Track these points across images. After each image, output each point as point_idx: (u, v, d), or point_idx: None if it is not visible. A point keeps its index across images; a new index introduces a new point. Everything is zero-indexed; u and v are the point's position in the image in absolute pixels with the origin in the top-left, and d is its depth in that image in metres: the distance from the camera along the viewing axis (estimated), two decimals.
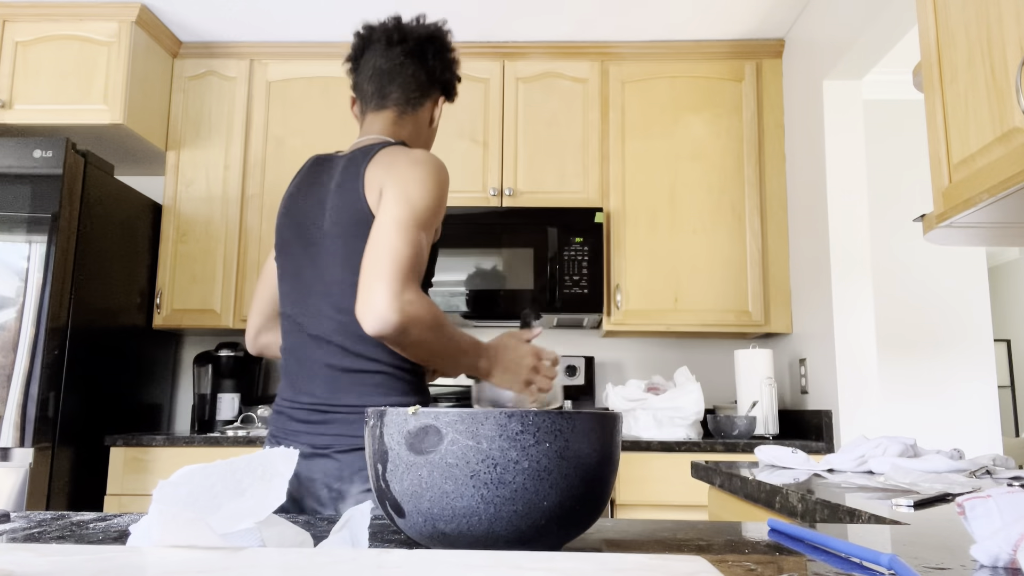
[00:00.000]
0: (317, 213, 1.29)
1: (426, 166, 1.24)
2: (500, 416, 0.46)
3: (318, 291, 1.27)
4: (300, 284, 1.30)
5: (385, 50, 1.38)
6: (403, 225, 1.17)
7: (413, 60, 1.38)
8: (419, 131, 1.42)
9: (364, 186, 1.24)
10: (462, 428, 0.46)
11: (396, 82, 1.38)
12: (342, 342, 1.24)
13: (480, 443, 0.45)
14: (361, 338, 1.22)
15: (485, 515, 0.46)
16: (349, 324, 1.22)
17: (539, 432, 0.46)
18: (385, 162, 1.25)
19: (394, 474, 0.47)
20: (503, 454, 0.45)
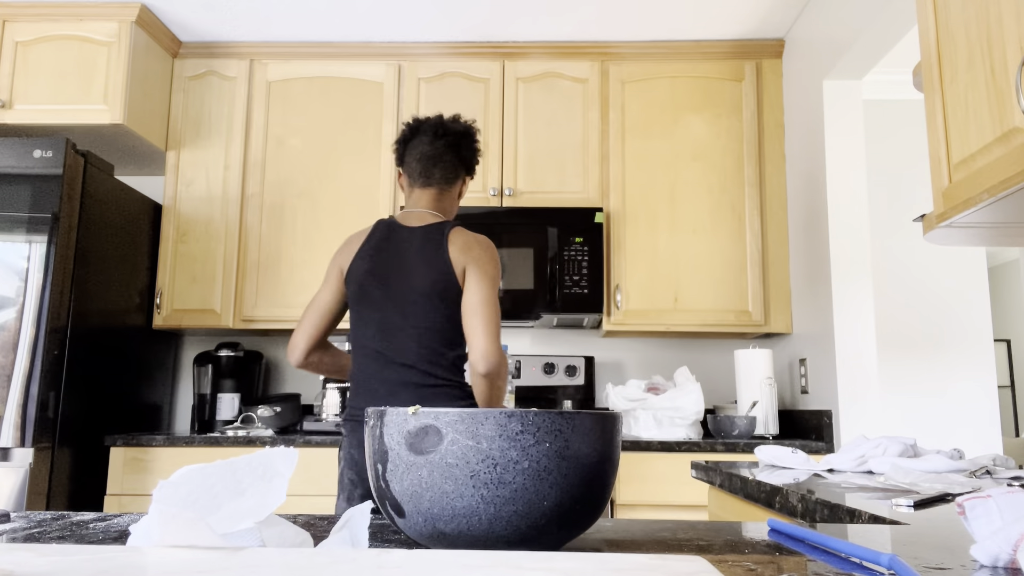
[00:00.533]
0: (403, 273, 1.72)
1: (492, 251, 1.75)
2: (500, 416, 0.46)
3: (407, 332, 1.70)
4: (387, 325, 1.71)
5: (432, 141, 1.82)
6: (493, 299, 1.68)
7: (452, 151, 1.83)
8: (452, 203, 1.88)
9: (451, 262, 1.70)
10: (462, 428, 0.45)
11: (439, 166, 1.82)
12: (424, 368, 1.69)
13: (480, 443, 0.45)
14: (436, 364, 1.69)
15: (485, 515, 0.46)
16: (429, 355, 1.69)
17: (539, 432, 0.46)
18: (461, 243, 1.72)
19: (394, 474, 0.47)
20: (503, 454, 0.45)
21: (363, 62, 3.17)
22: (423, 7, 2.93)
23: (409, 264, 1.71)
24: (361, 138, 3.12)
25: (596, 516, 0.51)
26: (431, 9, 2.94)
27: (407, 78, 3.15)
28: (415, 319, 1.69)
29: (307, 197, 3.08)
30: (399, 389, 1.67)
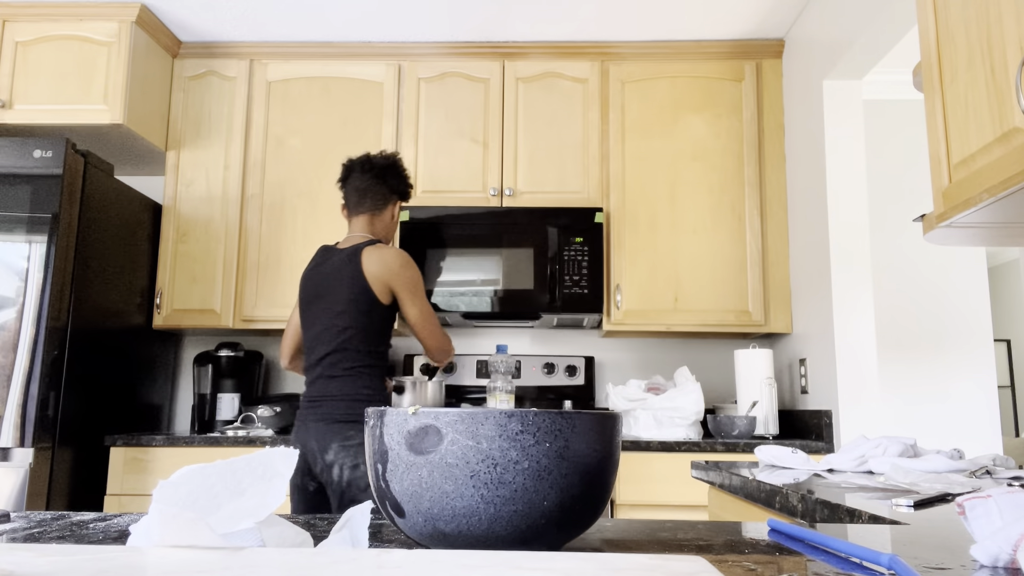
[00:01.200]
0: (329, 288, 2.12)
1: (403, 258, 2.14)
2: (500, 416, 0.46)
3: (331, 332, 2.11)
4: (317, 331, 2.14)
5: (361, 175, 2.21)
6: (423, 309, 2.17)
7: (379, 181, 2.21)
8: (385, 225, 2.26)
9: (363, 274, 2.08)
10: (462, 428, 0.45)
11: (368, 196, 2.21)
12: (345, 364, 2.11)
13: (480, 443, 0.45)
14: (355, 359, 2.11)
15: (485, 515, 0.46)
16: (350, 355, 2.10)
17: (539, 432, 0.46)
18: (375, 258, 2.10)
19: (394, 474, 0.47)
20: (503, 454, 0.45)
21: (363, 62, 3.17)
22: (423, 7, 2.93)
23: (333, 281, 2.12)
24: (361, 138, 3.12)
25: (596, 516, 0.51)
26: (431, 9, 2.94)
27: (407, 78, 3.15)
28: (338, 325, 2.09)
29: (307, 197, 3.08)
30: (320, 381, 2.11)
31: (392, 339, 3.27)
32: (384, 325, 2.14)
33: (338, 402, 2.07)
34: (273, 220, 3.08)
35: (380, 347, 2.14)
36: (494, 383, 2.73)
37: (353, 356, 2.08)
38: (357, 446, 2.03)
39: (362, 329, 2.09)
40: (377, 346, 2.13)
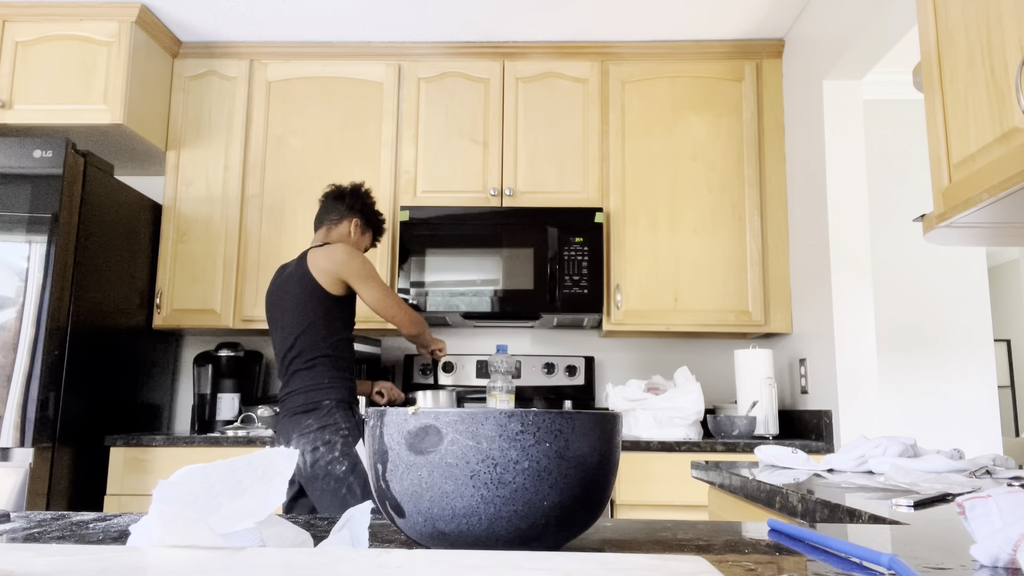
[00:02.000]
0: (286, 291, 2.31)
1: (345, 250, 2.29)
2: (500, 416, 0.46)
3: (289, 333, 2.28)
4: (279, 333, 2.32)
5: (324, 200, 2.46)
6: (381, 291, 2.31)
7: (337, 200, 2.43)
8: (341, 236, 2.40)
9: (310, 272, 2.26)
10: (462, 428, 0.45)
11: (325, 213, 2.43)
12: (305, 357, 2.25)
13: (480, 443, 0.45)
14: (312, 351, 2.25)
15: (485, 515, 0.45)
16: (306, 346, 2.25)
17: (539, 432, 0.46)
18: (321, 255, 2.27)
19: (394, 474, 0.47)
20: (503, 454, 0.45)
21: (363, 62, 3.17)
22: (423, 7, 2.93)
23: (288, 287, 2.30)
24: (361, 138, 3.12)
25: (596, 516, 0.51)
26: (431, 9, 2.94)
27: (407, 78, 3.15)
28: (293, 326, 2.26)
29: (307, 197, 3.08)
30: (286, 380, 2.26)
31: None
32: (340, 315, 2.27)
33: (298, 395, 2.20)
34: (273, 220, 3.08)
35: (337, 336, 2.25)
36: (494, 383, 2.73)
37: (310, 350, 2.21)
38: (316, 431, 2.15)
39: (317, 324, 2.23)
40: (334, 336, 2.25)
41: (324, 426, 2.14)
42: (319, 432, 2.14)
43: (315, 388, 2.19)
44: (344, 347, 2.28)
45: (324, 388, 2.20)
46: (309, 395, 2.19)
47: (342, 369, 2.25)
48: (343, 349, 2.27)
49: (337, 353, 2.25)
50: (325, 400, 2.18)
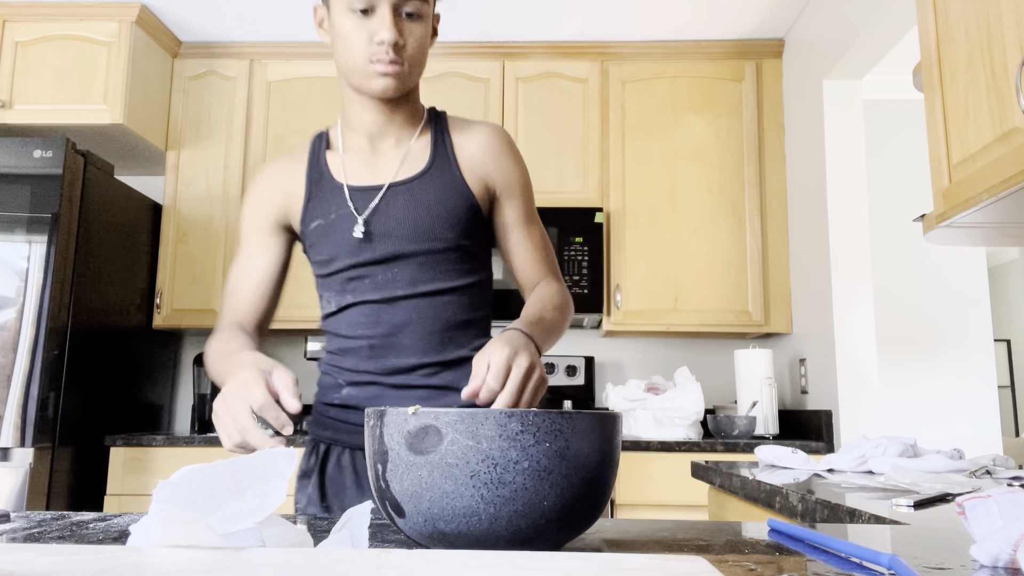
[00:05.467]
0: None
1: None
2: (500, 416, 0.46)
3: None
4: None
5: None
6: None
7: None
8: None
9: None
10: (462, 428, 0.45)
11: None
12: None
13: (480, 443, 0.45)
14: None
15: (485, 515, 0.45)
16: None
17: (539, 432, 0.46)
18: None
19: (394, 474, 0.47)
20: (503, 454, 0.45)
21: None
22: None
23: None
24: None
25: (596, 516, 0.51)
26: None
27: None
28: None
29: None
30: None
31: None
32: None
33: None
34: None
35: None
36: None
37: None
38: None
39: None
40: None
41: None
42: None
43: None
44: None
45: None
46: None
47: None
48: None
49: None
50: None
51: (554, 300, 1.16)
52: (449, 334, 1.15)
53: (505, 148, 1.24)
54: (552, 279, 1.24)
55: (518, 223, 1.24)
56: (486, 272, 1.24)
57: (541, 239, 1.27)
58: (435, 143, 1.20)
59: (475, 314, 1.19)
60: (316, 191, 1.18)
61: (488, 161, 1.21)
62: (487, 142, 1.22)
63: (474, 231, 1.19)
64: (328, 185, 1.17)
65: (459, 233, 1.16)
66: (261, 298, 1.26)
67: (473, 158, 1.20)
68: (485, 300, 1.23)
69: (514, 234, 1.24)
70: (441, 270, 1.15)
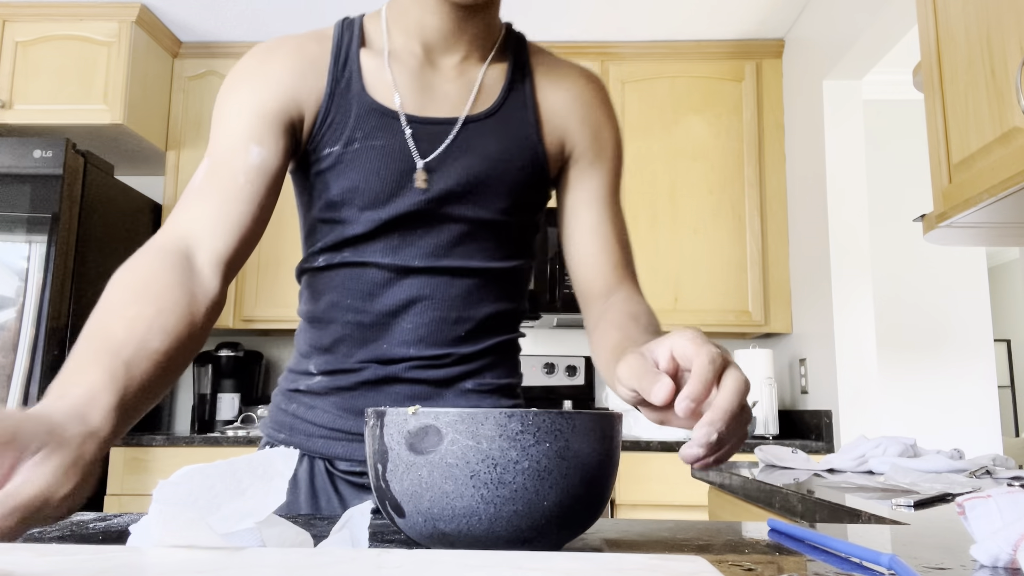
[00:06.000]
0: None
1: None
2: (500, 416, 0.46)
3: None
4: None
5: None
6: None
7: None
8: None
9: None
10: (462, 428, 0.46)
11: None
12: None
13: (480, 443, 0.45)
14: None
15: (485, 515, 0.46)
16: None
17: (539, 432, 0.46)
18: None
19: (394, 474, 0.47)
20: (503, 454, 0.45)
21: None
22: None
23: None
24: None
25: (596, 516, 0.51)
26: None
27: None
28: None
29: None
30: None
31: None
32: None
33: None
34: (273, 220, 3.08)
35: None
36: None
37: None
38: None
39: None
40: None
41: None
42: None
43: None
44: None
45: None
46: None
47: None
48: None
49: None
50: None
51: (655, 321, 0.84)
52: (466, 325, 0.87)
53: (600, 101, 0.94)
54: (636, 290, 0.93)
55: (599, 202, 0.92)
56: (529, 259, 0.95)
57: (624, 228, 0.96)
58: (512, 76, 0.90)
59: (506, 305, 0.91)
60: (341, 103, 0.84)
61: (574, 114, 0.91)
62: (579, 89, 0.93)
63: (532, 203, 0.90)
64: (358, 99, 0.84)
65: (514, 203, 0.87)
66: (242, 208, 0.78)
67: (557, 106, 0.91)
68: (520, 291, 0.95)
69: (589, 216, 0.92)
70: (478, 247, 0.86)
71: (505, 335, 0.92)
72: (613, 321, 0.81)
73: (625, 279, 0.92)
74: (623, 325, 0.78)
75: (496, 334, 0.90)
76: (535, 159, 0.88)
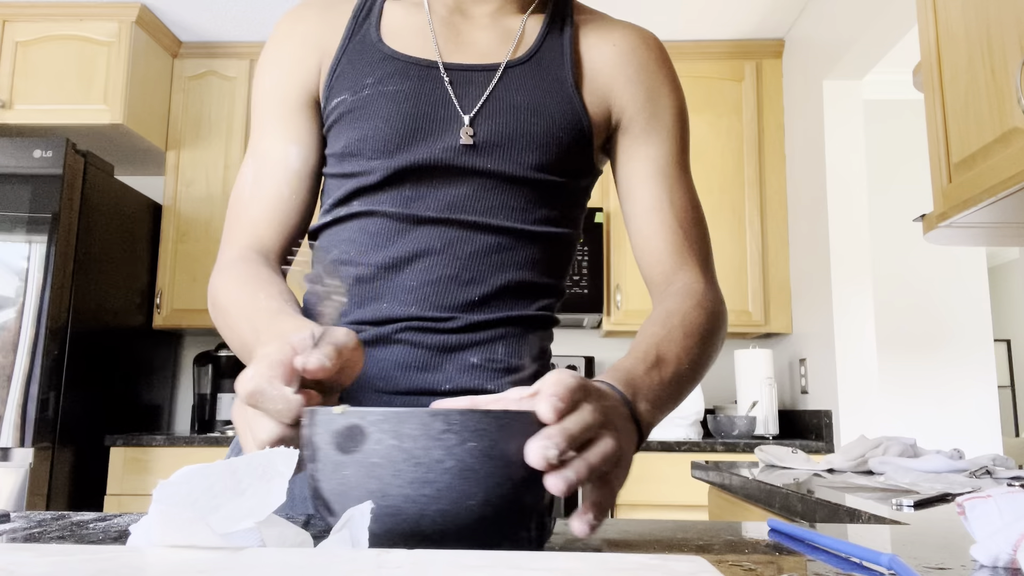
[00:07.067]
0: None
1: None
2: (423, 415, 0.45)
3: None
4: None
5: None
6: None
7: None
8: None
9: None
10: (386, 427, 0.45)
11: None
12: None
13: (404, 442, 0.45)
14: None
15: (411, 515, 0.45)
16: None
17: (464, 432, 0.45)
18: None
19: (323, 473, 0.47)
20: (426, 453, 0.45)
21: None
22: None
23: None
24: None
25: (539, 518, 0.50)
26: None
27: None
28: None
29: None
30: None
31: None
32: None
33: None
34: None
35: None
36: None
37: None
38: None
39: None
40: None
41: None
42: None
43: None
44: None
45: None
46: None
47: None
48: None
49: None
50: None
51: (694, 321, 0.72)
52: (479, 289, 0.76)
53: (656, 62, 0.85)
54: (698, 278, 0.81)
55: (656, 177, 0.84)
56: (572, 229, 0.85)
57: (690, 205, 0.87)
58: (549, 24, 0.82)
59: (534, 276, 0.81)
60: (353, 53, 0.80)
61: (621, 73, 0.82)
62: (628, 46, 0.84)
63: (570, 165, 0.80)
64: (372, 48, 0.80)
65: (547, 160, 0.77)
66: (294, 211, 0.80)
67: (601, 62, 0.82)
68: (556, 265, 0.84)
69: (646, 193, 0.83)
70: (502, 204, 0.77)
71: (529, 310, 0.81)
72: (653, 317, 0.72)
73: (686, 265, 0.81)
74: (655, 326, 0.70)
75: (518, 307, 0.79)
76: (572, 114, 0.78)
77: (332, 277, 0.56)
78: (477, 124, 0.76)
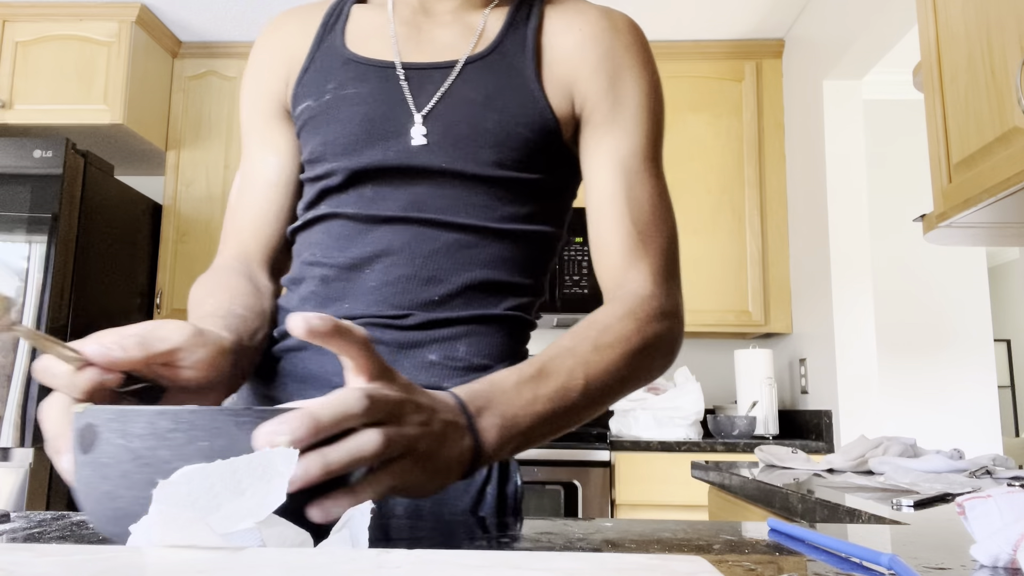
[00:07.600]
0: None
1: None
2: (150, 414, 0.43)
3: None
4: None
5: None
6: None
7: None
8: None
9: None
10: (115, 427, 0.44)
11: None
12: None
13: (131, 442, 0.43)
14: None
15: (141, 516, 0.43)
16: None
17: (194, 430, 0.43)
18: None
19: (73, 473, 0.47)
20: (152, 454, 0.43)
21: None
22: None
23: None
24: None
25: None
26: None
27: None
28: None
29: None
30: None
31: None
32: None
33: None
34: None
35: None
36: None
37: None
38: None
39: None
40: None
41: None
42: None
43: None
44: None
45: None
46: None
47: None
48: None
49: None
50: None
51: (619, 333, 0.68)
52: (440, 288, 0.75)
53: (623, 46, 0.79)
54: (649, 276, 0.74)
55: (616, 169, 0.76)
56: (548, 227, 0.80)
57: (651, 201, 0.77)
58: (513, 17, 0.80)
59: (503, 275, 0.77)
60: (318, 59, 0.81)
61: (586, 61, 0.78)
62: (594, 31, 0.79)
63: (537, 160, 0.77)
64: (335, 52, 0.81)
65: (510, 156, 0.75)
66: (272, 220, 0.83)
67: (565, 50, 0.78)
68: (530, 264, 0.79)
69: (604, 186, 0.76)
70: (465, 202, 0.76)
71: (496, 309, 0.77)
72: (574, 327, 0.69)
73: (637, 266, 0.74)
74: (572, 331, 0.68)
75: (484, 306, 0.76)
76: (532, 107, 0.75)
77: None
78: (431, 122, 0.75)
